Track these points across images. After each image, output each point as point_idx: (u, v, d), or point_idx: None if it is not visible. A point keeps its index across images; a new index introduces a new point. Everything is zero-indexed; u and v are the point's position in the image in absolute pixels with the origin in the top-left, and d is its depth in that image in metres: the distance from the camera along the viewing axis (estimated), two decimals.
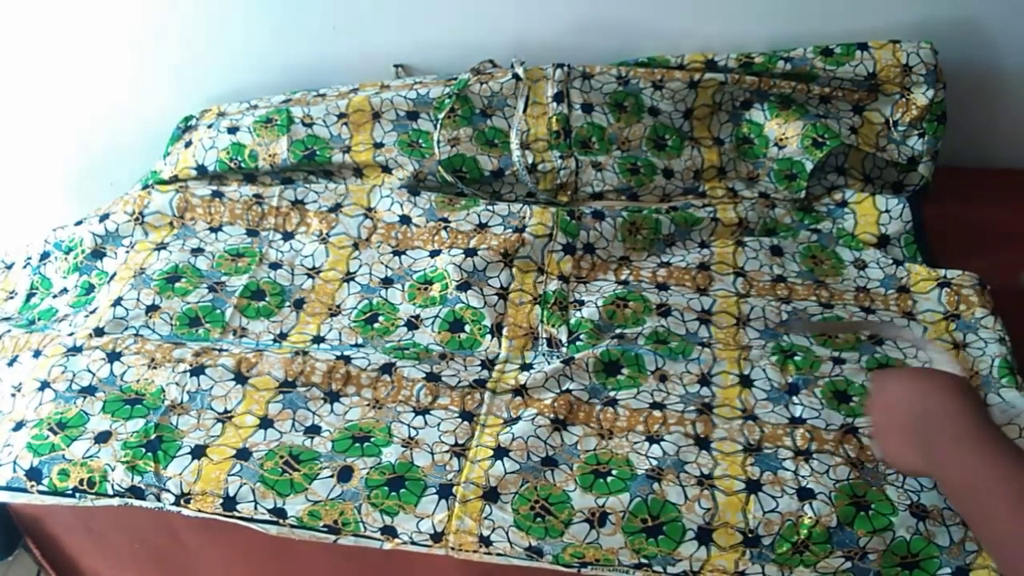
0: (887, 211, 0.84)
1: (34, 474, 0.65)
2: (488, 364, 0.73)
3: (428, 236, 0.85)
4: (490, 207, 0.87)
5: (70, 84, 1.08)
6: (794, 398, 0.67)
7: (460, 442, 0.65)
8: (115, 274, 0.83)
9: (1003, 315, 0.72)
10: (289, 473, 0.63)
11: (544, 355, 0.74)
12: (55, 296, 0.85)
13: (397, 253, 0.85)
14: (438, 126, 0.90)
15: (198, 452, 0.65)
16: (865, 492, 0.60)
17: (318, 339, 0.77)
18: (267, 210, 0.88)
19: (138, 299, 0.79)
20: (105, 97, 1.10)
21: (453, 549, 0.60)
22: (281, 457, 0.64)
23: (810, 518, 0.58)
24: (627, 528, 0.59)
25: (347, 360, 0.72)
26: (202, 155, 0.93)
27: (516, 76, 0.90)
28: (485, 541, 0.60)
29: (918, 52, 0.86)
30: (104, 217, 0.86)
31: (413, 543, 0.61)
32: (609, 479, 0.62)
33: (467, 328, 0.77)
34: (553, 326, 0.76)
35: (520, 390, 0.70)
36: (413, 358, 0.73)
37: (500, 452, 0.64)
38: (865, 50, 0.87)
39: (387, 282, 0.82)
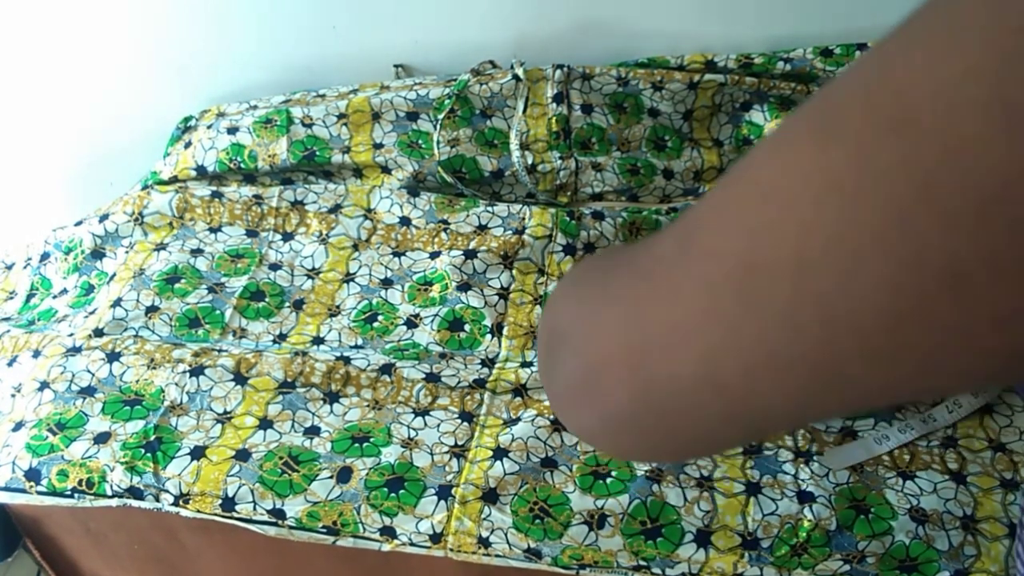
0: None
1: (33, 475, 0.65)
2: (488, 363, 0.73)
3: (428, 238, 0.85)
4: (490, 208, 0.87)
5: (70, 84, 1.08)
6: None
7: (460, 443, 0.65)
8: (115, 275, 0.83)
9: None
10: (288, 474, 0.63)
11: None
12: (55, 297, 0.85)
13: (397, 254, 0.85)
14: (438, 127, 0.90)
15: (197, 453, 0.65)
16: (865, 496, 0.60)
17: (318, 340, 0.77)
18: (267, 211, 0.88)
19: (138, 300, 0.79)
20: (105, 97, 1.10)
21: (452, 550, 0.60)
22: (280, 458, 0.64)
23: (809, 521, 0.58)
24: (626, 530, 0.59)
25: (347, 361, 0.72)
26: (202, 155, 0.93)
27: (516, 77, 0.90)
28: (484, 542, 0.60)
29: None
30: (104, 217, 0.86)
31: (412, 544, 0.61)
32: (608, 480, 0.62)
33: (467, 327, 0.77)
34: None
35: (520, 390, 0.70)
36: (413, 358, 0.73)
37: (500, 453, 0.64)
38: (865, 50, 0.87)
39: (387, 283, 0.82)
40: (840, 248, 0.19)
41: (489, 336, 0.76)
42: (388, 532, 0.61)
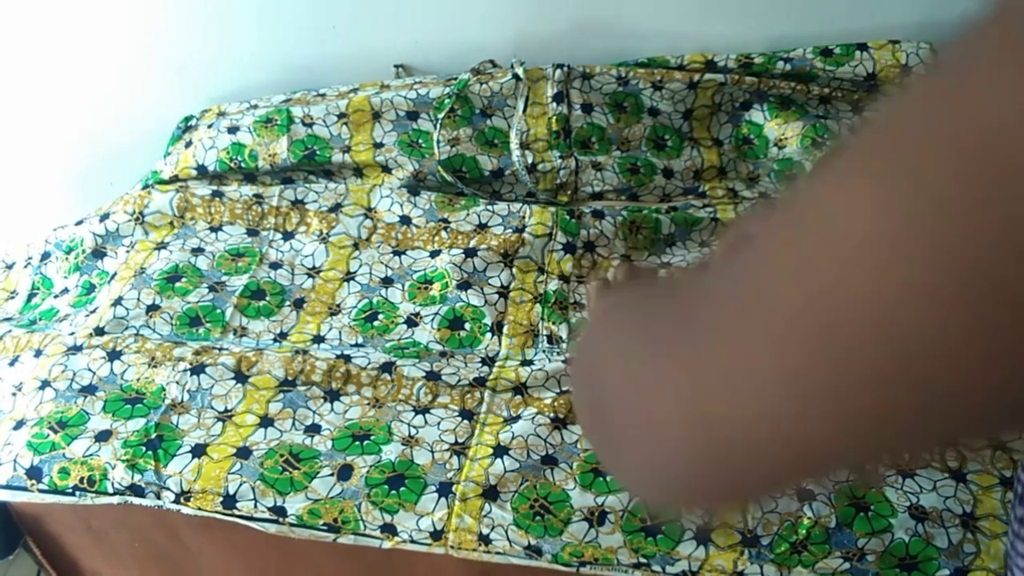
0: None
1: (34, 473, 0.65)
2: (488, 361, 0.73)
3: (428, 236, 0.86)
4: (490, 207, 0.87)
5: (70, 84, 1.08)
6: None
7: (460, 440, 0.66)
8: (115, 274, 0.83)
9: None
10: (289, 471, 0.63)
11: (544, 351, 0.75)
12: (56, 296, 0.85)
13: (397, 253, 0.85)
14: (438, 126, 0.90)
15: (198, 451, 0.65)
16: (864, 493, 0.60)
17: (318, 338, 0.77)
18: (267, 210, 0.88)
19: (138, 299, 0.79)
20: (105, 97, 1.10)
21: (452, 548, 0.60)
22: (281, 456, 0.64)
23: (809, 518, 0.58)
24: (626, 527, 0.59)
25: (347, 359, 0.72)
26: (202, 155, 0.93)
27: (516, 76, 0.90)
28: (484, 539, 0.60)
29: (918, 52, 0.86)
30: (104, 217, 0.87)
31: (413, 541, 0.61)
32: (609, 478, 0.62)
33: (467, 326, 0.77)
34: (554, 323, 0.77)
35: (520, 388, 0.70)
36: (413, 356, 0.73)
37: (500, 450, 0.64)
38: (864, 51, 0.88)
39: (387, 282, 0.82)
40: (916, 292, 0.19)
41: (489, 334, 0.76)
42: (389, 529, 0.61)
